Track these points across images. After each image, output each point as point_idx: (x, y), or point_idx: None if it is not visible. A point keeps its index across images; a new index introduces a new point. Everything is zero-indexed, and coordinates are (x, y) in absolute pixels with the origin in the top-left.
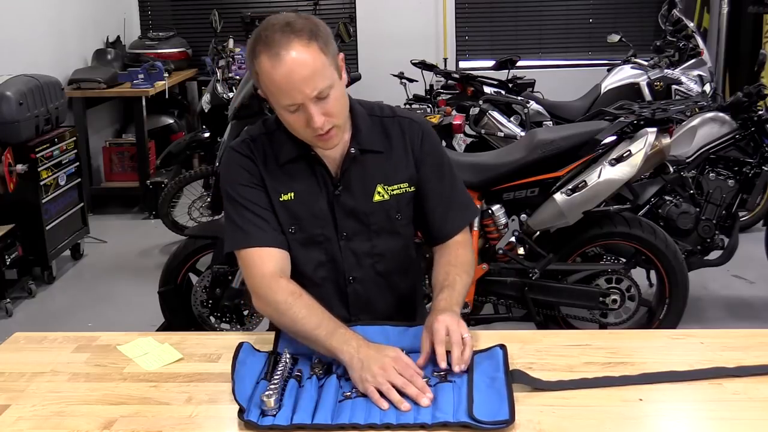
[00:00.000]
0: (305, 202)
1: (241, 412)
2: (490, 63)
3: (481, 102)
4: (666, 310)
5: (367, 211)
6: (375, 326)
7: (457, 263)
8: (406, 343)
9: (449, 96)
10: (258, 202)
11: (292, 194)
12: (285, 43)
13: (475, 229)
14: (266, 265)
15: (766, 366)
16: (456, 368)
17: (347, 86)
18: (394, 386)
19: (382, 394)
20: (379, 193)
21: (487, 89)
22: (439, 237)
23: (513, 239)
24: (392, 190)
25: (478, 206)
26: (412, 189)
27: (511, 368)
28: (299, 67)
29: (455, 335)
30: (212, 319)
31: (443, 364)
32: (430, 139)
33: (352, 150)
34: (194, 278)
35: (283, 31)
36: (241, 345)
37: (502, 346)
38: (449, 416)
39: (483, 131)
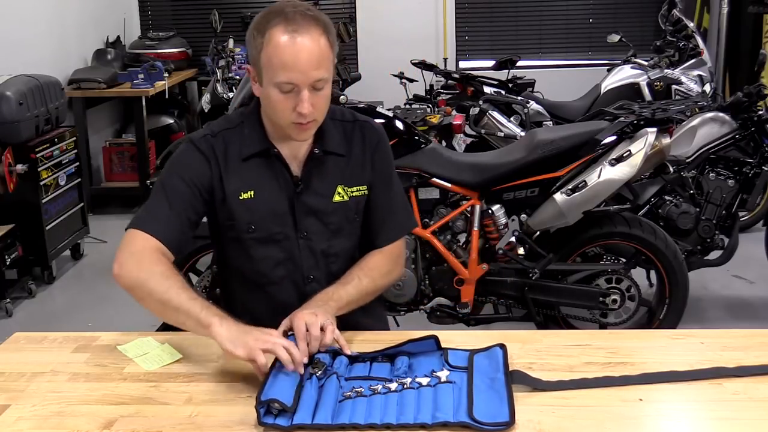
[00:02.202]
0: (265, 200)
1: (260, 406)
2: (490, 63)
3: (481, 102)
4: (666, 310)
5: (327, 210)
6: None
7: (366, 267)
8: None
9: (449, 96)
10: (181, 201)
11: (252, 192)
12: (305, 26)
13: (475, 229)
14: (148, 244)
15: (766, 366)
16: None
17: (348, 86)
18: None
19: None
20: (339, 193)
21: (487, 89)
22: (371, 244)
23: (513, 239)
24: (351, 192)
25: (477, 207)
26: (369, 192)
27: (511, 368)
28: (312, 50)
29: (314, 329)
30: None
31: (305, 359)
32: (385, 147)
33: (316, 150)
34: (194, 278)
35: (305, 15)
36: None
37: (502, 346)
38: (449, 416)
39: (483, 131)
